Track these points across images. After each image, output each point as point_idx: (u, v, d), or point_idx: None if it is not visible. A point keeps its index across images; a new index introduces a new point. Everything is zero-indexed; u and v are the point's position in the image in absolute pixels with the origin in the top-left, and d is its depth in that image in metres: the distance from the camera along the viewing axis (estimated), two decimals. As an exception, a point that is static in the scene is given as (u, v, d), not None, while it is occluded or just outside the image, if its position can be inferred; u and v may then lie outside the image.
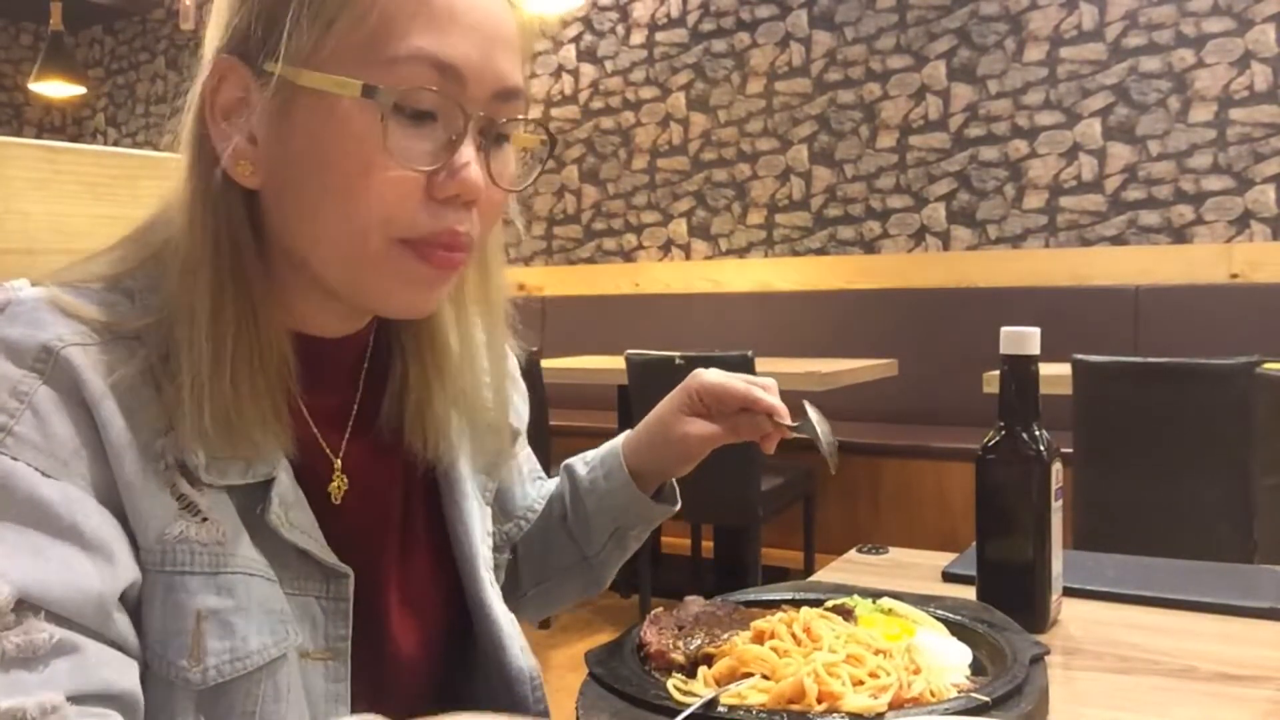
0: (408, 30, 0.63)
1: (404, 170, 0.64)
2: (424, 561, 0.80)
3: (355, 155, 0.64)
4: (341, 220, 0.65)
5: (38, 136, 6.62)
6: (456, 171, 0.65)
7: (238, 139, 0.65)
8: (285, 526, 0.67)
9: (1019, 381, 0.91)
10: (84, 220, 0.96)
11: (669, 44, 4.64)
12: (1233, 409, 2.12)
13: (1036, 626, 0.88)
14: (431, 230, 0.66)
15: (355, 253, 0.66)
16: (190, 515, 0.63)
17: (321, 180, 0.65)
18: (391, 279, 0.67)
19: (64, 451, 0.60)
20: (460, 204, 0.66)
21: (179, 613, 0.62)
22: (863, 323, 4.09)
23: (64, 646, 0.56)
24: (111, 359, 0.63)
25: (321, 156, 0.65)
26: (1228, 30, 3.59)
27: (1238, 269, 3.59)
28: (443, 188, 0.65)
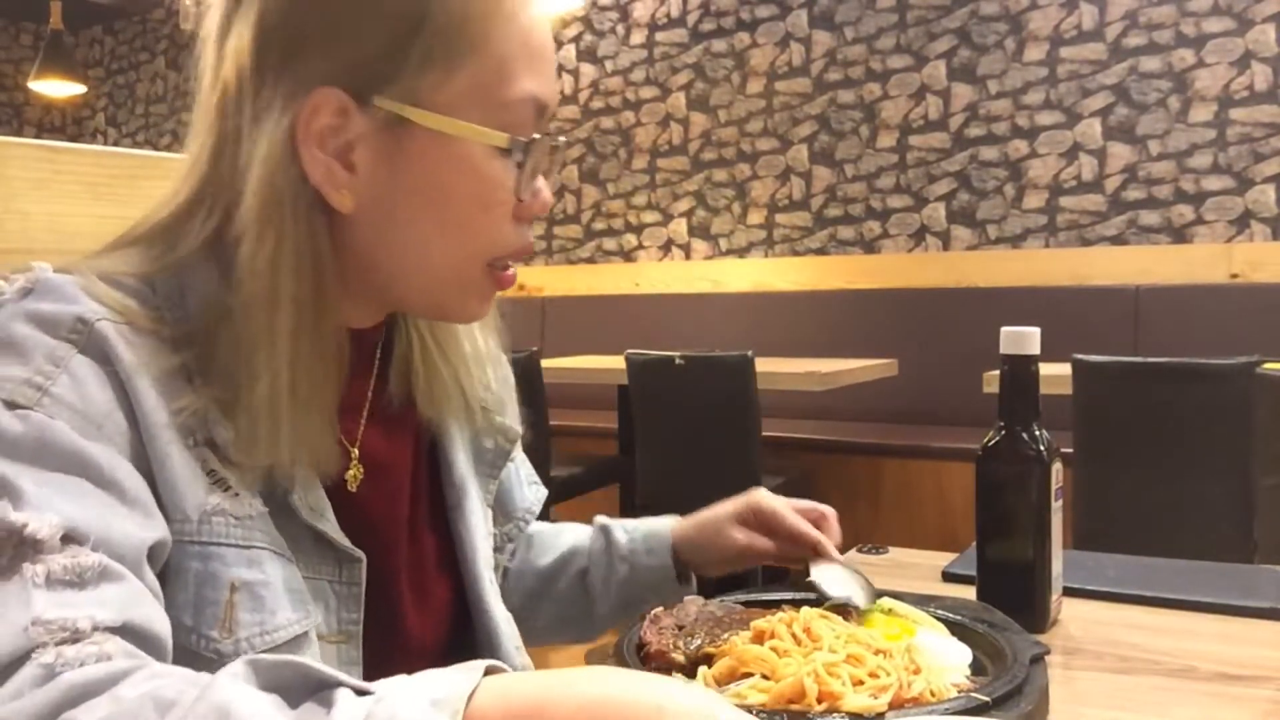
0: (518, 73, 0.68)
1: (509, 202, 0.70)
2: (430, 553, 0.81)
3: (478, 195, 0.69)
4: (452, 249, 0.70)
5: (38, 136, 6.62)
6: (538, 194, 0.72)
7: (335, 167, 0.67)
8: (305, 509, 0.69)
9: (1019, 381, 0.91)
10: (84, 220, 0.96)
11: (669, 44, 4.65)
12: (1233, 409, 2.12)
13: (1036, 626, 0.88)
14: (517, 248, 0.72)
15: (455, 277, 0.72)
16: (222, 490, 0.65)
17: (437, 213, 0.69)
18: (475, 296, 0.74)
19: (99, 415, 0.61)
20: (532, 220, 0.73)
21: (214, 583, 0.63)
22: (863, 323, 4.09)
23: (111, 573, 0.56)
24: (143, 343, 0.65)
25: (440, 192, 0.69)
26: (1228, 30, 3.59)
27: (1238, 269, 3.59)
28: (529, 210, 0.72)
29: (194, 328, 0.67)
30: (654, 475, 3.13)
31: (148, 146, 6.36)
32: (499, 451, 0.87)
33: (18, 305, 0.63)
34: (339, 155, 0.67)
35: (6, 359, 0.61)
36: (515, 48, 0.68)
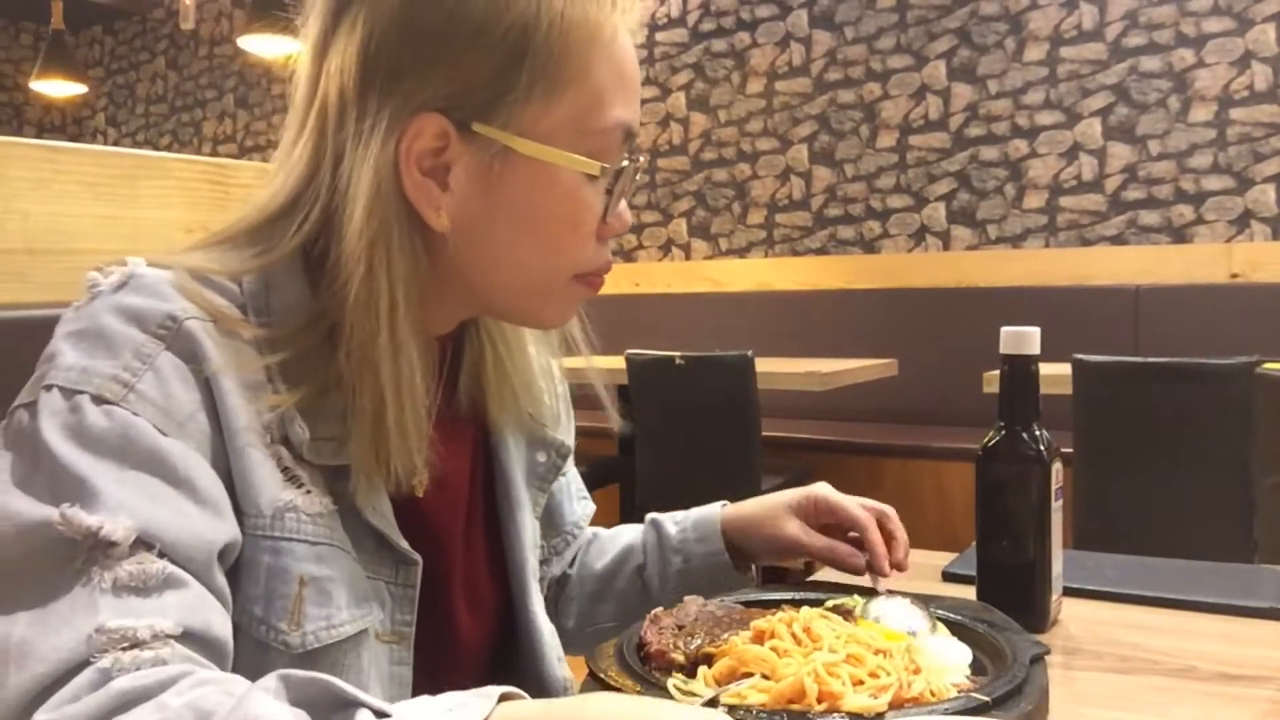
0: (612, 101, 0.72)
1: (595, 224, 0.73)
2: (482, 560, 0.83)
3: (571, 217, 0.72)
4: (542, 265, 0.73)
5: (38, 136, 6.62)
6: (621, 215, 0.76)
7: (433, 188, 0.69)
8: (369, 509, 0.71)
9: (1019, 381, 0.91)
10: (84, 220, 0.96)
11: (669, 44, 4.65)
12: (1233, 409, 2.12)
13: (1036, 626, 0.88)
14: (600, 265, 0.75)
15: (544, 289, 0.75)
16: (296, 487, 0.67)
17: (528, 234, 0.72)
18: (562, 304, 0.77)
19: (181, 414, 0.63)
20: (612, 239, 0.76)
21: (284, 577, 0.65)
22: (863, 323, 4.09)
23: (175, 580, 0.58)
24: (229, 343, 0.66)
25: (536, 215, 0.71)
26: (1228, 30, 3.59)
27: (1238, 269, 3.59)
28: (611, 230, 0.75)
29: (278, 331, 0.68)
30: (654, 475, 3.13)
31: (148, 146, 6.36)
32: (550, 465, 0.89)
33: (111, 298, 0.65)
34: (436, 176, 0.70)
35: (96, 351, 0.63)
36: (610, 77, 0.72)
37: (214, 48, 6.12)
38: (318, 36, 0.72)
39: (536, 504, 0.88)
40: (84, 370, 0.61)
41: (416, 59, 0.68)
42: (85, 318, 0.64)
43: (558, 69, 0.68)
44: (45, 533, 0.56)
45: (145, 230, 1.02)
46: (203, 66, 6.18)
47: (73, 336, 0.64)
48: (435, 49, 0.68)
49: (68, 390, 0.61)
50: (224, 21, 6.06)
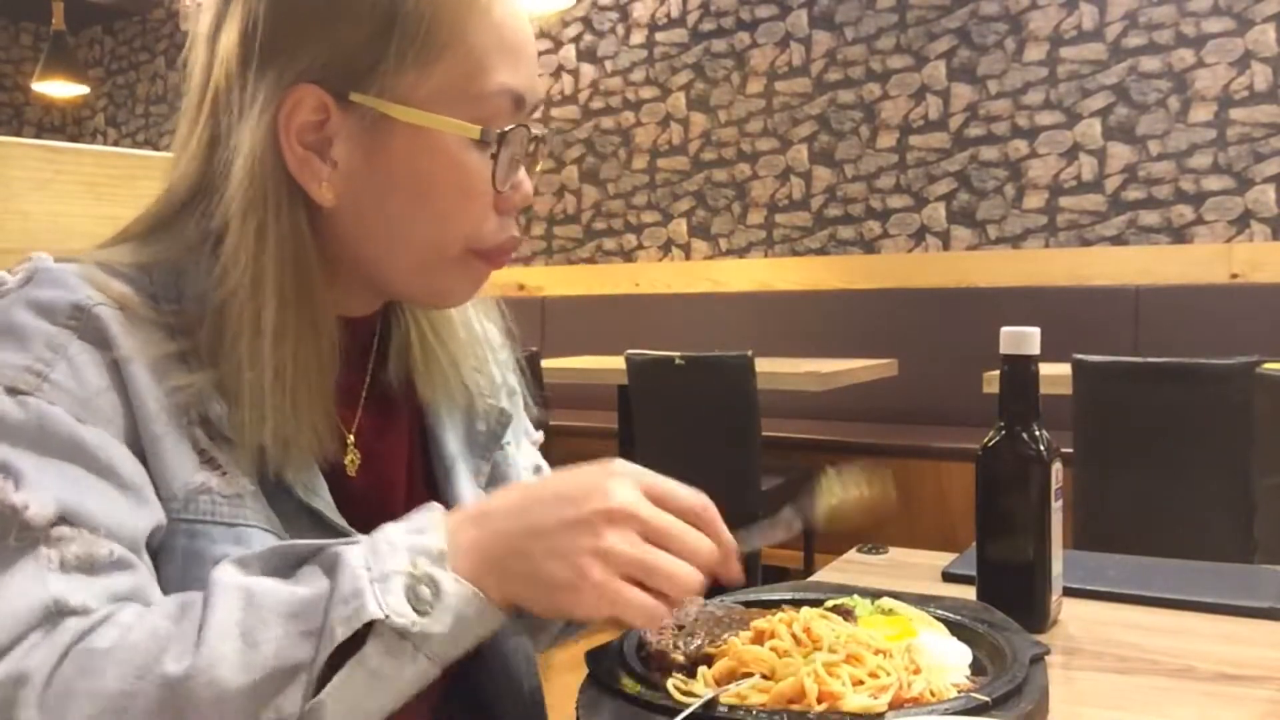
0: (493, 66, 0.69)
1: (487, 194, 0.71)
2: None
3: (456, 185, 0.70)
4: (431, 237, 0.72)
5: (38, 136, 6.62)
6: (519, 187, 0.74)
7: (316, 162, 0.69)
8: (300, 487, 0.70)
9: (1019, 381, 0.91)
10: (84, 220, 0.96)
11: (669, 44, 4.64)
12: (1233, 409, 2.12)
13: (1036, 626, 0.88)
14: (499, 242, 0.74)
15: (435, 263, 0.73)
16: (211, 469, 0.67)
17: (417, 205, 0.71)
18: (459, 281, 0.75)
19: (96, 400, 0.63)
20: (517, 212, 0.75)
21: (199, 561, 0.64)
22: (863, 323, 4.09)
23: (123, 563, 0.59)
24: (139, 330, 0.66)
25: (418, 184, 0.70)
26: (1228, 30, 3.59)
27: (1238, 269, 3.59)
28: (509, 202, 0.73)
29: (190, 317, 0.68)
30: (654, 475, 3.13)
31: (148, 146, 6.36)
32: (490, 434, 0.87)
33: (19, 293, 0.66)
34: (319, 150, 0.69)
35: (7, 346, 0.63)
36: (490, 41, 0.69)
37: (214, 48, 6.11)
38: (211, 20, 0.72)
39: (479, 473, 0.87)
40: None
41: (290, 32, 0.68)
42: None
43: (429, 35, 0.68)
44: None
45: (145, 230, 1.02)
46: (203, 66, 6.17)
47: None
48: (307, 21, 0.68)
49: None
50: (224, 21, 6.05)
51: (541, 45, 4.93)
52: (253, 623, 0.54)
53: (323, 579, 0.57)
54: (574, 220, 4.92)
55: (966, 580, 0.96)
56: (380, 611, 0.55)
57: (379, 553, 0.58)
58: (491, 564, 0.59)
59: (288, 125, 0.68)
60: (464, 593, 0.57)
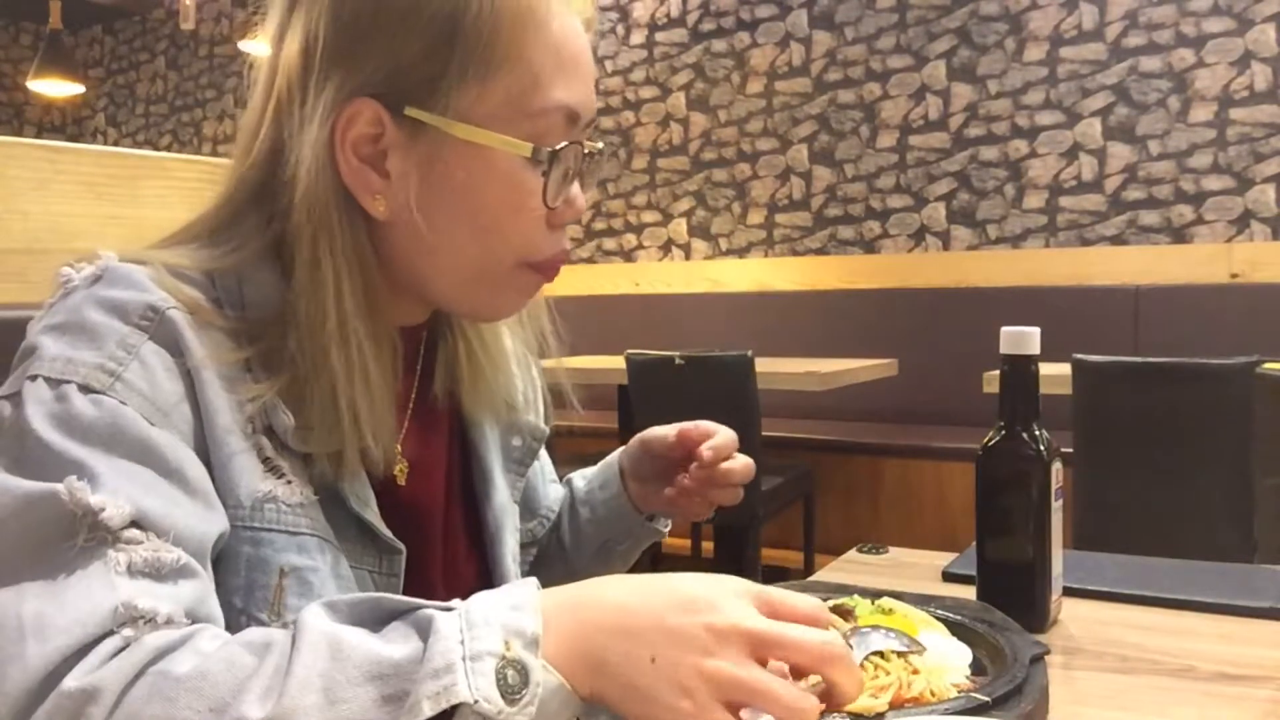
0: (550, 83, 0.69)
1: (540, 209, 0.71)
2: (462, 547, 0.84)
3: (508, 202, 0.70)
4: (484, 253, 0.72)
5: (38, 136, 6.62)
6: (573, 202, 0.74)
7: (369, 174, 0.69)
8: (353, 498, 0.71)
9: (1019, 381, 0.91)
10: (84, 220, 0.96)
11: (669, 44, 4.65)
12: (1233, 409, 2.12)
13: (1036, 626, 0.88)
14: (553, 253, 0.74)
15: (487, 277, 0.73)
16: (276, 477, 0.67)
17: (471, 219, 0.71)
18: (510, 294, 0.75)
19: (167, 403, 0.63)
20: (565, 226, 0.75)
21: (265, 567, 0.65)
22: (863, 323, 4.10)
23: (188, 570, 0.58)
24: (208, 335, 0.67)
25: (473, 200, 0.70)
26: (1228, 30, 3.59)
27: (1238, 269, 3.60)
28: (562, 216, 0.73)
29: (253, 323, 0.69)
30: (654, 475, 3.13)
31: (148, 146, 6.36)
32: (526, 449, 0.89)
33: (89, 291, 0.65)
34: (374, 163, 0.70)
35: (79, 343, 0.62)
36: (547, 58, 0.69)
37: (214, 48, 6.12)
38: (275, 30, 0.72)
39: (515, 488, 0.89)
40: (69, 360, 0.61)
41: (350, 44, 0.68)
42: (64, 311, 0.64)
43: (488, 51, 0.68)
44: (47, 506, 0.56)
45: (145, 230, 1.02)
46: (203, 66, 6.18)
47: (54, 330, 0.63)
48: (367, 34, 0.68)
49: (53, 380, 0.60)
50: (224, 21, 6.06)
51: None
52: (337, 678, 0.52)
53: (415, 641, 0.53)
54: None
55: (966, 580, 0.96)
56: (470, 695, 0.51)
57: (474, 626, 0.53)
58: (585, 659, 0.54)
59: (344, 137, 0.68)
60: (552, 684, 0.53)
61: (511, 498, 0.88)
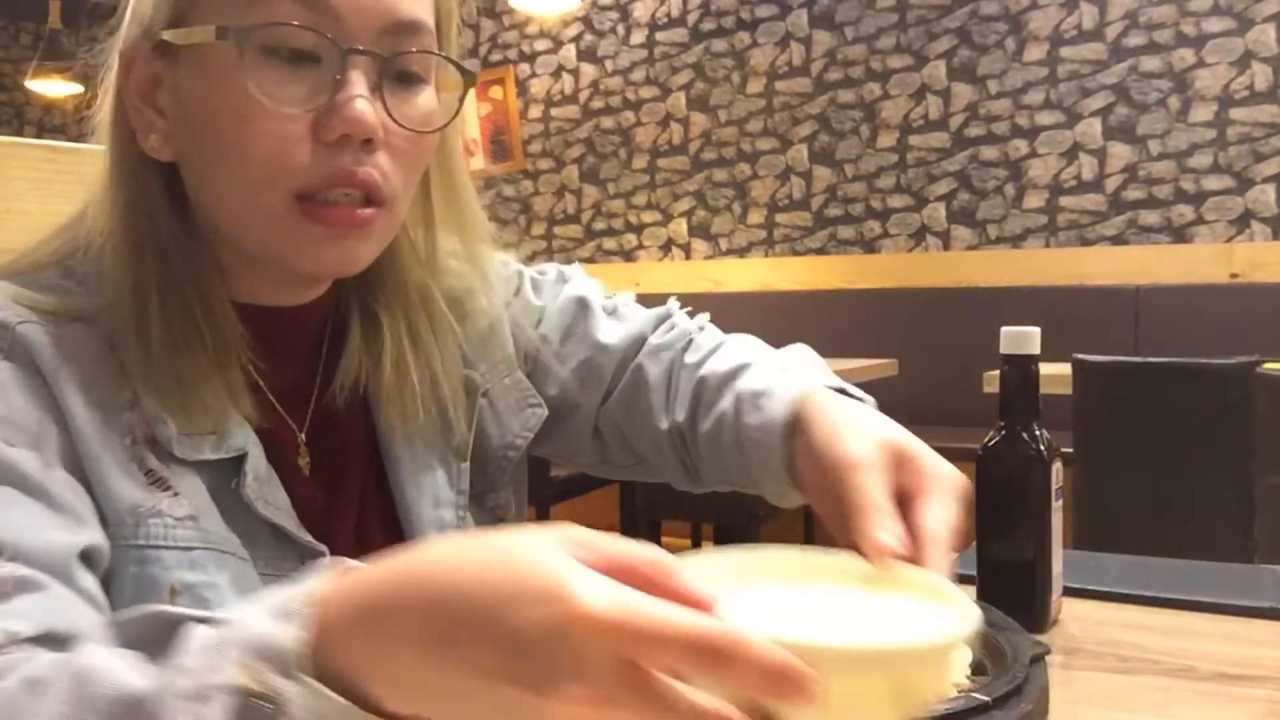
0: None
1: (282, 115, 0.62)
2: (377, 531, 0.77)
3: (232, 106, 0.63)
4: (235, 177, 0.65)
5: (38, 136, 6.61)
6: (339, 109, 0.63)
7: (149, 114, 0.67)
8: (260, 503, 0.67)
9: (1019, 381, 0.91)
10: (84, 220, 0.95)
11: (669, 44, 4.64)
12: (1233, 409, 2.12)
13: (1036, 626, 0.88)
14: (322, 175, 0.64)
15: (255, 211, 0.65)
16: (160, 490, 0.63)
17: (212, 139, 0.65)
18: (292, 238, 0.65)
19: (27, 423, 0.60)
20: (356, 146, 0.64)
21: (153, 587, 0.61)
22: (863, 323, 4.09)
23: (28, 584, 0.54)
24: (67, 338, 0.63)
25: (207, 114, 0.64)
26: (1228, 30, 3.59)
27: (1238, 269, 3.59)
28: (329, 128, 0.63)
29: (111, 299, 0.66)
30: (654, 475, 3.13)
31: (148, 146, 6.35)
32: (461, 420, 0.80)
33: None
34: (154, 103, 0.67)
35: None
36: None
37: (214, 48, 6.11)
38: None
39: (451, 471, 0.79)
40: None
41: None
42: None
43: None
44: None
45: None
46: (203, 66, 6.17)
47: None
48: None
49: None
50: (224, 21, 6.06)
51: (541, 45, 4.93)
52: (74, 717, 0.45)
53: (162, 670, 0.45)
54: (574, 220, 4.92)
55: (966, 580, 0.96)
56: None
57: (217, 647, 0.44)
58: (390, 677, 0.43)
59: (126, 83, 0.67)
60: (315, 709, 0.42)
61: (448, 458, 0.79)
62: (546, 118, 4.94)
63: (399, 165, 0.67)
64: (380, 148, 0.66)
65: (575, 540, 0.42)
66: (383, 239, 0.70)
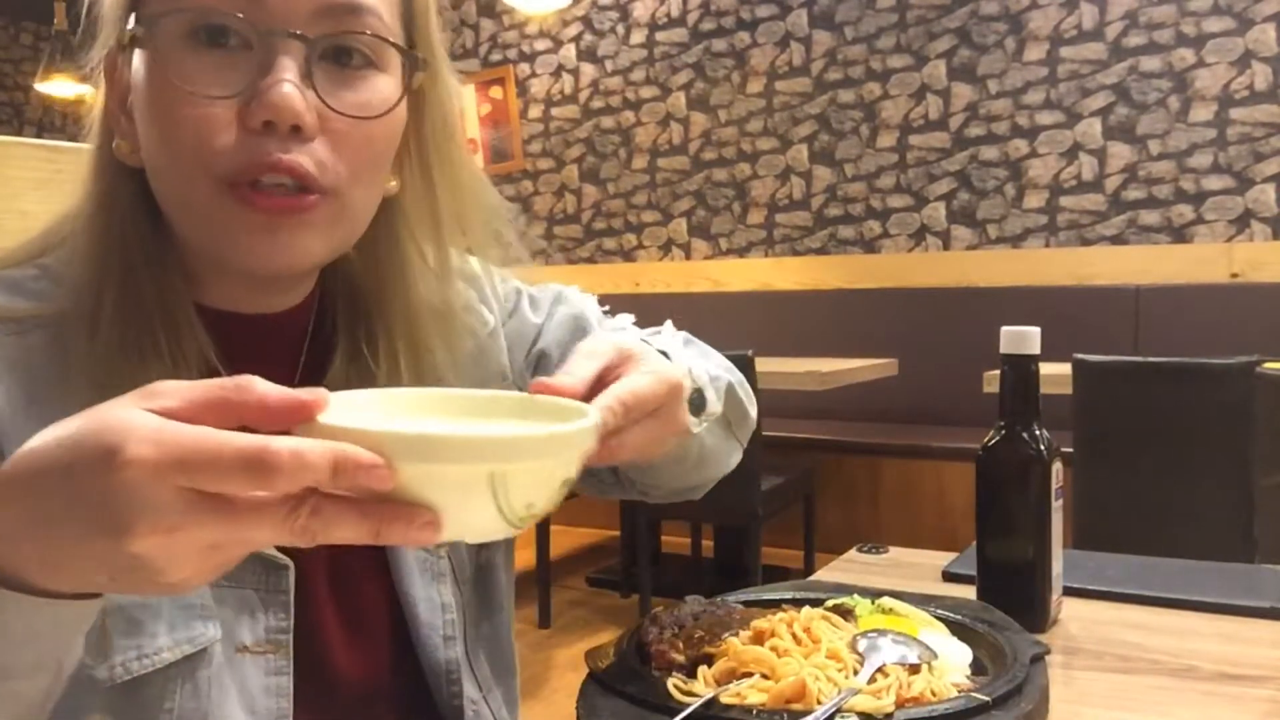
0: None
1: (207, 101, 0.61)
2: (356, 560, 0.75)
3: (160, 95, 0.62)
4: (167, 168, 0.63)
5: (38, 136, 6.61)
6: (262, 93, 0.61)
7: (121, 118, 0.67)
8: None
9: (1019, 381, 0.91)
10: (84, 220, 0.96)
11: (669, 43, 4.64)
12: (1233, 409, 2.12)
13: (1036, 626, 0.88)
14: (244, 161, 0.61)
15: (188, 202, 0.64)
16: None
17: (149, 131, 0.64)
18: (225, 228, 0.63)
19: None
20: (285, 133, 0.61)
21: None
22: (863, 323, 4.10)
23: None
24: (19, 344, 0.63)
25: (144, 107, 0.63)
26: (1228, 30, 3.59)
27: (1238, 269, 3.59)
28: (252, 114, 0.61)
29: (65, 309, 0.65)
30: (654, 475, 3.12)
31: (148, 146, 6.35)
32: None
33: None
34: (126, 107, 0.67)
35: None
36: None
37: (214, 47, 6.11)
38: None
39: None
40: None
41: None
42: None
43: None
44: None
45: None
46: (203, 66, 6.17)
47: None
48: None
49: None
50: (224, 21, 6.06)
51: (541, 45, 4.93)
52: None
53: None
54: (574, 220, 4.92)
55: (966, 580, 0.96)
56: None
57: None
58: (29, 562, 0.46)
59: (109, 88, 0.67)
60: None
61: None
62: (546, 118, 4.94)
63: (342, 153, 0.64)
64: (315, 135, 0.63)
65: (152, 392, 0.44)
66: (330, 232, 0.66)
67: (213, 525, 0.42)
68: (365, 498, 0.44)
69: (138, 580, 0.44)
